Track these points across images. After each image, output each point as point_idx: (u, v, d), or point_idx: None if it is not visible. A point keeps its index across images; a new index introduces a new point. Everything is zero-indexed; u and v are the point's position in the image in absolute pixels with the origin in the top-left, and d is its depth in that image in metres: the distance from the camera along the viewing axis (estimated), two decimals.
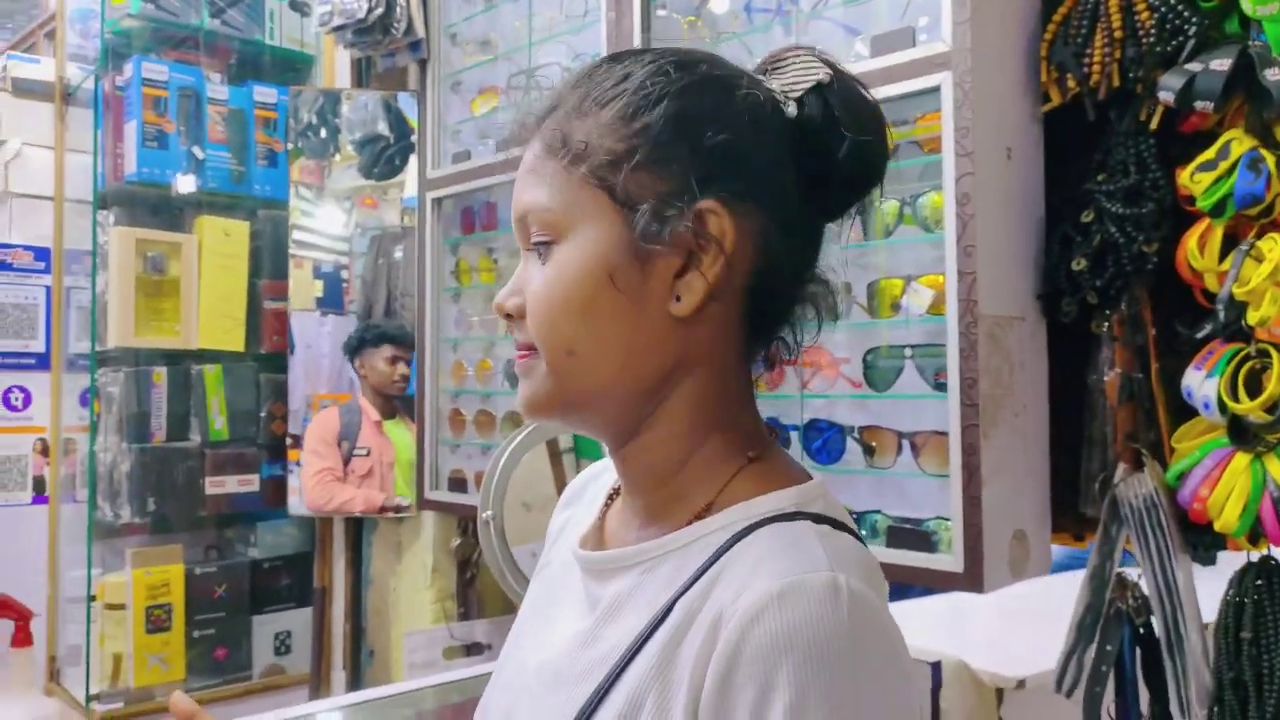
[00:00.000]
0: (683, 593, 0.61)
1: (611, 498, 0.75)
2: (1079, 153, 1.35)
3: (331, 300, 2.47)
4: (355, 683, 2.45)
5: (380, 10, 2.24)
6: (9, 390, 2.52)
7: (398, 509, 2.41)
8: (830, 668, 0.54)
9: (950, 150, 1.30)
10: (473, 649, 2.38)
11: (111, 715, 2.25)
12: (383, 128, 2.49)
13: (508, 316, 0.68)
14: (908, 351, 1.42)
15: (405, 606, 2.47)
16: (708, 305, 0.64)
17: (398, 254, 2.49)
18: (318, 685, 2.48)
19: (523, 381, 0.68)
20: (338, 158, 2.50)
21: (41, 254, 2.59)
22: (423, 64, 2.36)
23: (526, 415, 0.69)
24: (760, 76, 0.68)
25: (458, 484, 2.29)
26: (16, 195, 2.60)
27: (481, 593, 2.49)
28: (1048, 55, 1.36)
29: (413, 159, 2.47)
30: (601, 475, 0.81)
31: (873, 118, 0.68)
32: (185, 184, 2.42)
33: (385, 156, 2.50)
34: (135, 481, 2.32)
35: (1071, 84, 1.32)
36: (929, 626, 1.71)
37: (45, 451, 2.58)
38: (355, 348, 2.42)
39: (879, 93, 1.38)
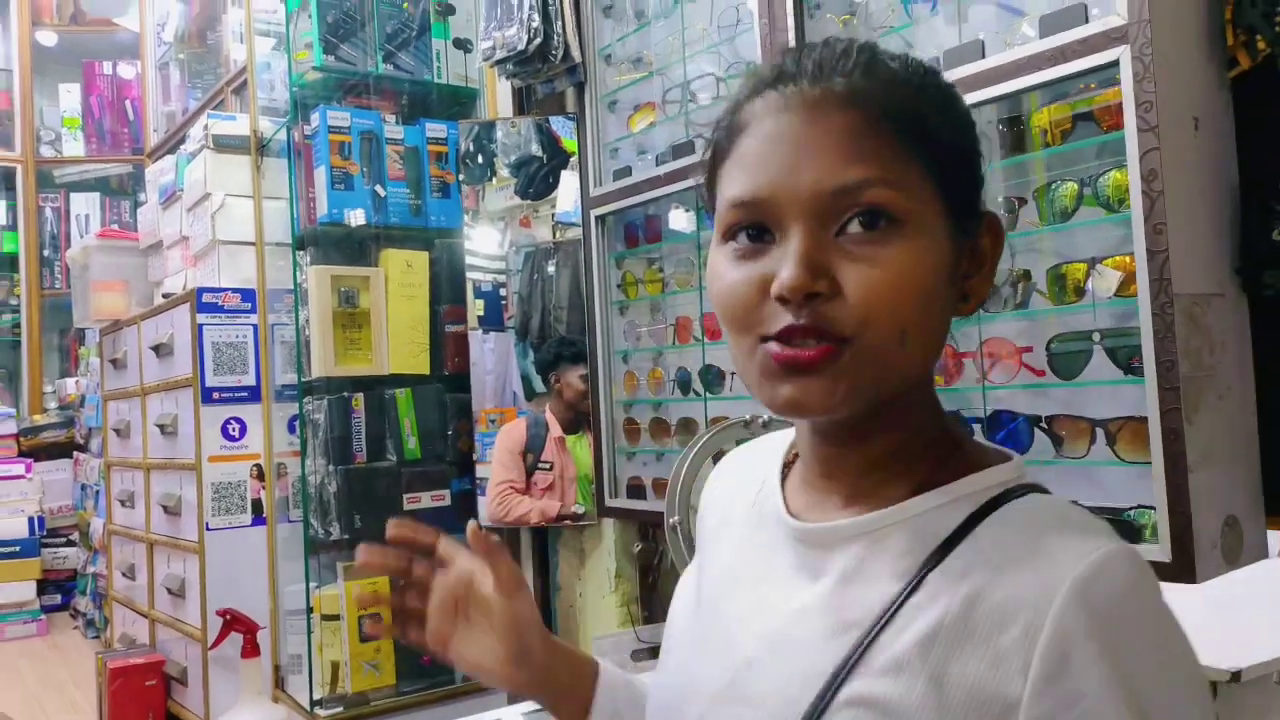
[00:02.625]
0: (933, 564, 0.61)
1: (786, 472, 0.76)
2: (1274, 117, 1.28)
3: (492, 318, 2.58)
4: None
5: (539, 40, 2.34)
6: (227, 421, 2.75)
7: (575, 518, 2.49)
8: (1163, 628, 0.57)
9: (1132, 126, 1.25)
10: (658, 651, 2.42)
11: (333, 718, 2.43)
12: (535, 149, 2.59)
13: (811, 296, 0.60)
14: (1096, 336, 1.37)
15: (592, 612, 2.55)
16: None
17: (550, 269, 2.57)
18: None
19: (809, 382, 0.61)
20: (494, 181, 2.61)
21: (247, 295, 2.82)
22: (580, 87, 2.44)
23: (820, 414, 0.64)
24: None
25: (636, 491, 2.34)
26: (223, 243, 2.84)
27: (664, 596, 2.54)
28: (1233, 18, 1.29)
29: (564, 176, 2.55)
30: (757, 454, 0.81)
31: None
32: (370, 220, 2.59)
33: (539, 176, 2.59)
34: (342, 500, 2.50)
35: (1261, 45, 1.25)
36: None
37: (261, 476, 2.80)
38: (552, 363, 2.52)
39: (1051, 73, 1.37)
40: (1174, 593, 1.70)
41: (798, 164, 0.62)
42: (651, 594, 2.54)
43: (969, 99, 1.46)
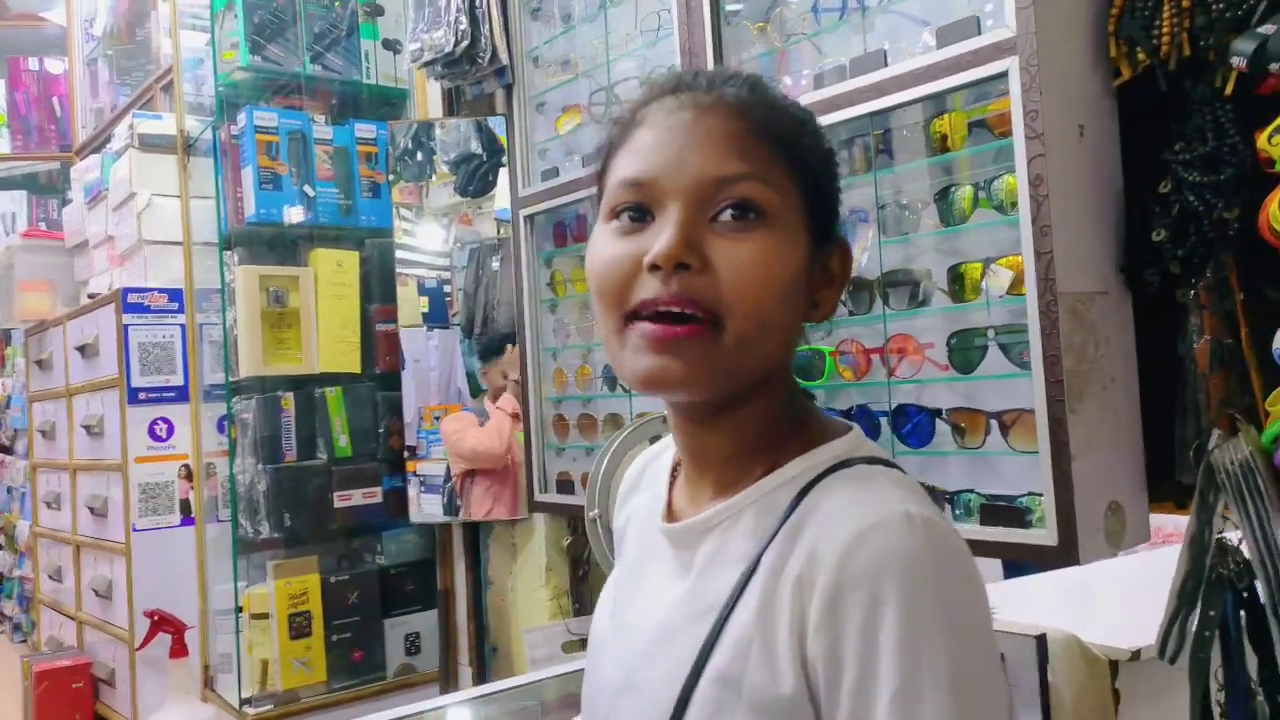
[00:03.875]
0: (769, 542, 0.68)
1: (672, 479, 0.81)
2: (1154, 124, 1.36)
3: (436, 315, 2.59)
4: (481, 677, 2.57)
5: (466, 43, 2.36)
6: (154, 422, 2.73)
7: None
8: (920, 582, 0.61)
9: (1020, 133, 1.32)
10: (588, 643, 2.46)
11: (263, 717, 2.43)
12: (475, 147, 2.61)
13: (681, 267, 0.65)
14: (991, 333, 1.44)
15: (523, 605, 2.58)
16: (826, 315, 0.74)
17: (495, 265, 2.59)
18: (447, 681, 2.61)
19: (672, 359, 0.66)
20: (434, 179, 2.63)
21: (175, 295, 2.80)
22: (508, 89, 2.46)
23: (687, 390, 0.69)
24: None
25: (565, 485, 2.38)
26: (149, 242, 2.81)
27: (594, 588, 2.58)
28: (1115, 30, 1.36)
29: (504, 173, 2.58)
30: (655, 460, 0.87)
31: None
32: (299, 220, 2.59)
33: (479, 174, 2.61)
34: (272, 499, 2.50)
35: (1142, 56, 1.32)
36: (1035, 603, 1.72)
37: (189, 476, 2.79)
38: (480, 358, 2.55)
39: (947, 83, 1.43)
40: (1074, 578, 1.76)
41: (684, 154, 0.68)
42: (581, 586, 2.58)
43: (873, 106, 1.53)
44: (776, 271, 0.67)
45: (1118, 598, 1.93)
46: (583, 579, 2.56)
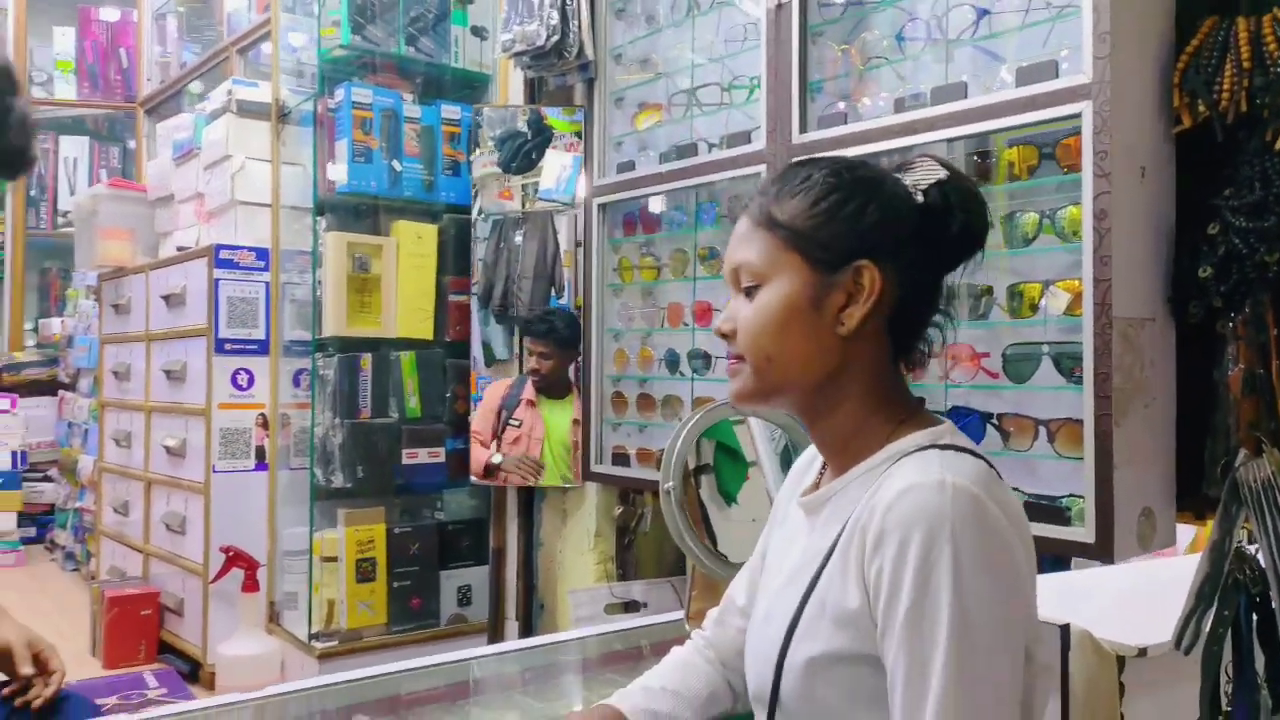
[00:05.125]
0: (852, 512, 0.90)
1: (823, 470, 1.04)
2: (1207, 170, 1.49)
3: None
4: (527, 631, 2.75)
5: (556, 37, 2.51)
6: (237, 372, 2.90)
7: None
8: (938, 530, 0.81)
9: (1089, 171, 1.46)
10: (630, 606, 2.63)
11: (329, 651, 2.61)
12: (521, 125, 2.72)
13: (724, 336, 0.98)
14: (1045, 348, 1.59)
15: (570, 567, 2.75)
16: (863, 328, 0.93)
17: (517, 239, 2.70)
18: (495, 632, 2.79)
19: (732, 381, 0.98)
20: (476, 151, 2.73)
21: (261, 254, 2.96)
22: (590, 83, 2.60)
23: (737, 404, 0.99)
24: (898, 174, 0.98)
25: (620, 459, 2.54)
26: (241, 203, 2.97)
27: (638, 556, 2.75)
28: (1180, 82, 1.49)
29: (550, 154, 2.70)
30: (815, 458, 1.10)
31: (977, 203, 0.97)
32: (385, 192, 2.74)
33: (523, 152, 2.72)
34: (346, 452, 2.67)
35: (1202, 108, 1.45)
36: (1058, 599, 1.86)
37: (265, 425, 2.96)
38: (522, 332, 2.70)
39: (1022, 119, 1.58)
40: (1095, 578, 1.89)
41: (728, 253, 1.00)
42: (626, 554, 2.74)
43: (950, 133, 1.68)
44: (765, 317, 0.94)
45: (1132, 599, 2.07)
46: (628, 547, 2.73)
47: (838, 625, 0.87)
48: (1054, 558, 1.78)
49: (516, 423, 2.68)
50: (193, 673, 2.95)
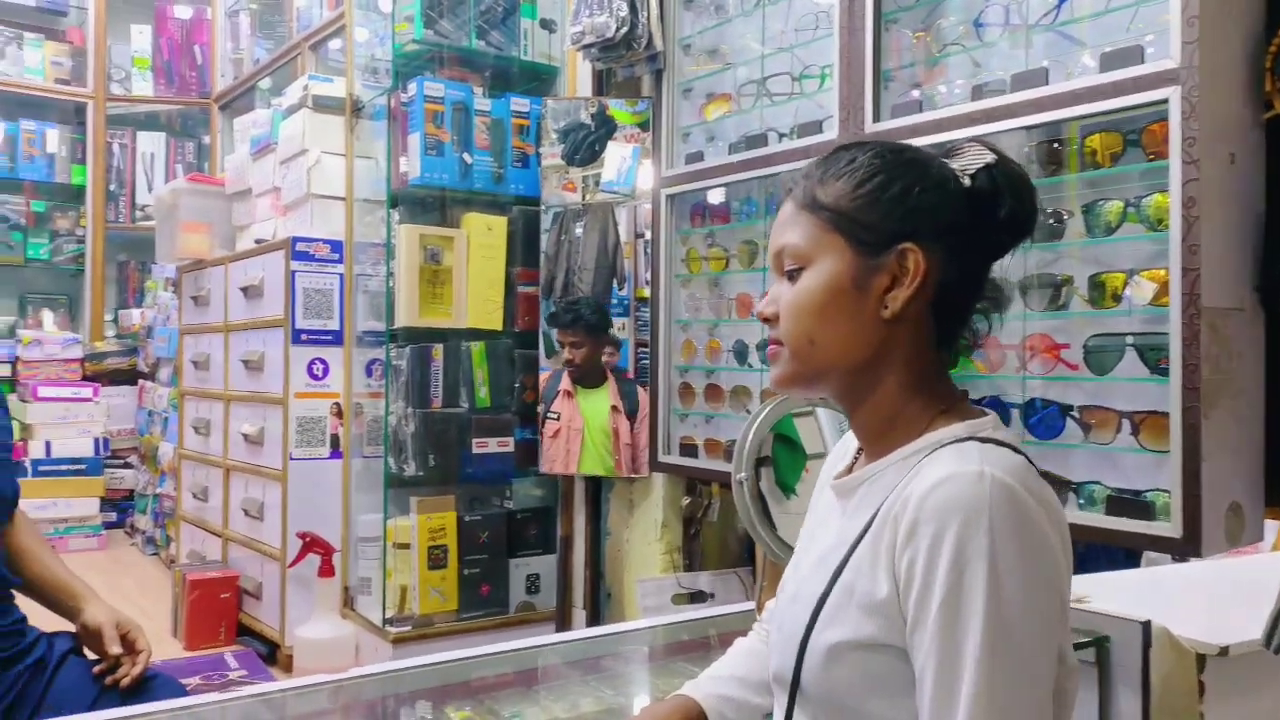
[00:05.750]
0: (885, 499, 0.89)
1: (857, 455, 1.03)
2: None
3: None
4: (594, 619, 2.78)
5: (625, 29, 2.52)
6: (313, 362, 2.98)
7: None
8: (975, 523, 0.79)
9: (1177, 158, 1.43)
10: (697, 596, 2.64)
11: (402, 636, 2.67)
12: (584, 117, 2.74)
13: (766, 320, 0.97)
14: (1128, 339, 1.56)
15: (637, 557, 2.77)
16: (907, 312, 0.91)
17: (578, 230, 2.72)
18: (562, 620, 2.82)
19: (773, 366, 0.97)
20: (544, 145, 2.77)
21: (335, 246, 3.03)
22: (658, 74, 2.61)
23: (777, 388, 0.98)
24: (945, 159, 0.96)
25: (688, 449, 2.55)
26: (316, 197, 3.04)
27: (704, 547, 2.77)
28: (1271, 67, 1.46)
29: (611, 146, 2.71)
30: (851, 442, 1.09)
31: (1025, 188, 0.94)
32: (457, 184, 2.78)
33: (585, 144, 2.73)
34: (418, 440, 2.72)
35: None
36: (1138, 595, 1.82)
37: (339, 414, 3.03)
38: (550, 321, 2.74)
39: (1107, 105, 1.54)
40: (1179, 574, 1.85)
41: (772, 237, 0.99)
42: (692, 544, 2.76)
43: (1031, 120, 1.65)
44: (808, 299, 0.92)
45: (1217, 597, 2.02)
46: (694, 537, 2.74)
47: (865, 613, 0.86)
48: (1126, 553, 1.74)
49: (555, 415, 2.71)
50: (270, 654, 3.04)
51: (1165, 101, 1.46)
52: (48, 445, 4.51)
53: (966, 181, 0.93)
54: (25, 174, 5.39)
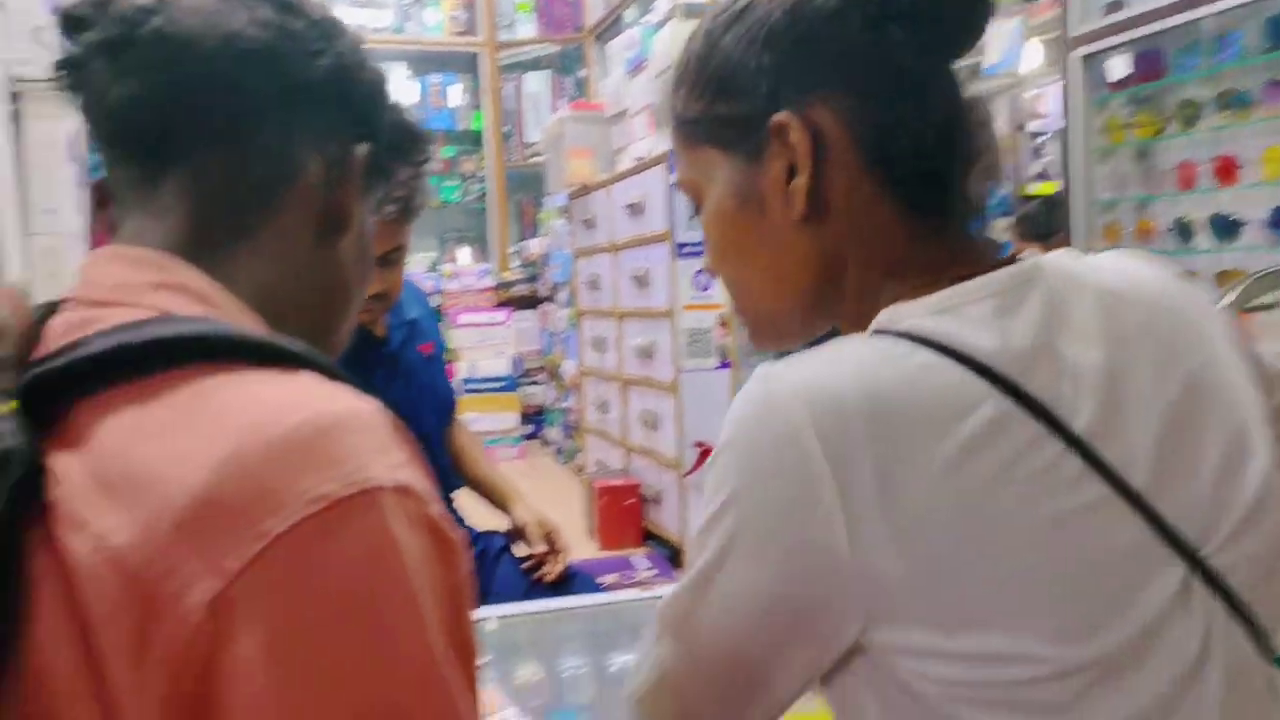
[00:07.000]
0: None
1: None
2: None
3: None
4: None
5: None
6: (697, 273, 3.00)
7: None
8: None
9: None
10: None
11: None
12: None
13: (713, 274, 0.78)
14: None
15: None
16: (828, 200, 0.65)
17: None
18: None
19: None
20: None
21: None
22: None
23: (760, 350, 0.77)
24: None
25: None
26: None
27: None
28: None
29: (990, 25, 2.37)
30: None
31: None
32: None
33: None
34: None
35: None
36: None
37: (725, 324, 3.04)
38: None
39: None
40: None
41: None
42: None
43: None
44: (715, 241, 0.72)
45: None
46: None
47: None
48: None
49: None
50: (673, 557, 3.17)
51: None
52: (473, 365, 5.05)
53: None
54: (435, 124, 5.98)
